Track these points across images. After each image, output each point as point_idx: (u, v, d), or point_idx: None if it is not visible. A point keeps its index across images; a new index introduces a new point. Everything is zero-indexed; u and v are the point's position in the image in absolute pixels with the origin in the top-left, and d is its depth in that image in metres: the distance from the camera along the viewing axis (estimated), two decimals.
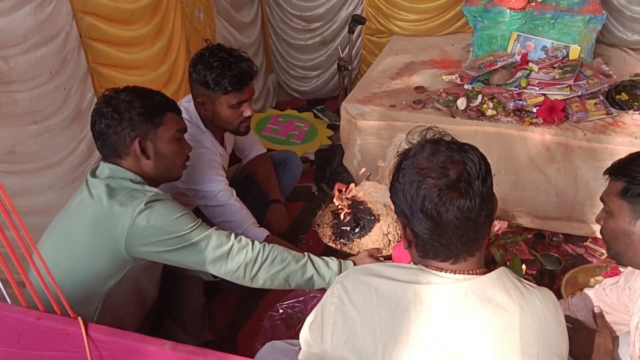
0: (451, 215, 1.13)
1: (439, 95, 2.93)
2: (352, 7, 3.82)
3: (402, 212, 1.19)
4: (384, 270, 1.24)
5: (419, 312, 1.16)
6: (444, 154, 1.15)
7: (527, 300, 1.19)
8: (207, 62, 2.07)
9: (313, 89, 4.21)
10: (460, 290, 1.17)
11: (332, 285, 1.26)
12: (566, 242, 2.77)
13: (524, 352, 1.16)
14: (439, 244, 1.16)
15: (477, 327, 1.15)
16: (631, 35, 3.38)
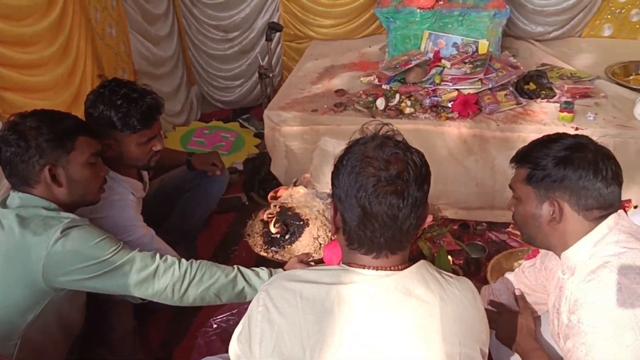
0: (381, 209, 1.15)
1: (359, 97, 2.98)
2: (268, 14, 3.84)
3: (338, 195, 1.21)
4: (307, 275, 1.25)
5: (343, 312, 1.18)
6: (390, 149, 1.18)
7: (446, 291, 1.23)
8: (110, 100, 1.93)
9: (237, 99, 4.19)
10: (381, 287, 1.19)
11: (258, 294, 1.26)
12: (489, 229, 2.87)
13: (446, 342, 1.19)
14: (364, 235, 1.19)
15: (399, 322, 1.18)
16: (535, 27, 3.56)
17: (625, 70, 3.14)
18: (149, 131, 2.01)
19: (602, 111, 2.78)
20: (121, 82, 2.02)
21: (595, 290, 1.31)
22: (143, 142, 2.00)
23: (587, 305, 1.31)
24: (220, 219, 3.06)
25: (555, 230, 1.43)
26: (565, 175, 1.38)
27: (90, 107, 1.96)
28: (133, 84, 2.06)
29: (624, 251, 1.35)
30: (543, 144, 1.46)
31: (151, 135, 2.03)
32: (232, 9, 3.80)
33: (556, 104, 2.81)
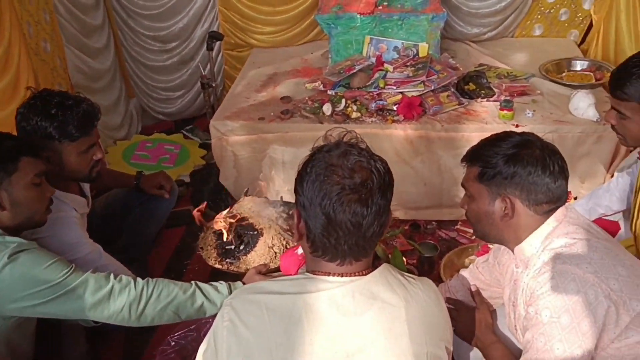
0: (345, 217, 1.16)
1: (305, 103, 2.99)
2: (207, 24, 3.79)
3: (302, 203, 1.21)
4: (271, 286, 1.24)
5: (311, 320, 1.18)
6: (354, 157, 1.19)
7: (410, 292, 1.25)
8: (43, 110, 1.85)
9: (179, 110, 4.11)
10: (347, 292, 1.20)
11: (222, 309, 1.24)
12: (439, 228, 2.94)
13: (413, 342, 1.21)
14: (328, 242, 1.19)
15: (367, 325, 1.19)
16: (470, 29, 3.67)
17: (557, 68, 3.27)
18: (88, 138, 1.94)
19: (539, 108, 2.89)
20: (52, 92, 1.96)
21: (550, 282, 1.35)
22: (83, 150, 1.94)
23: (543, 296, 1.36)
24: (170, 234, 3.00)
25: (508, 225, 1.48)
26: (515, 172, 1.42)
27: (22, 120, 1.87)
28: (65, 92, 1.99)
29: (574, 242, 1.41)
30: (492, 142, 1.50)
31: (90, 143, 1.96)
32: (169, 20, 3.73)
33: (496, 102, 2.91)
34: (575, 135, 2.74)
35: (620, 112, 1.82)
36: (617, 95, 1.79)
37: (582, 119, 2.77)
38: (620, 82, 1.77)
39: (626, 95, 1.76)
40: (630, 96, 1.75)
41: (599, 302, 1.31)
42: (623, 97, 1.77)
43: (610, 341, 1.34)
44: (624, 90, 1.76)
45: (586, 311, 1.31)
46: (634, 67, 1.75)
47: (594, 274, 1.34)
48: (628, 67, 1.77)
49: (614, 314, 1.32)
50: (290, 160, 2.86)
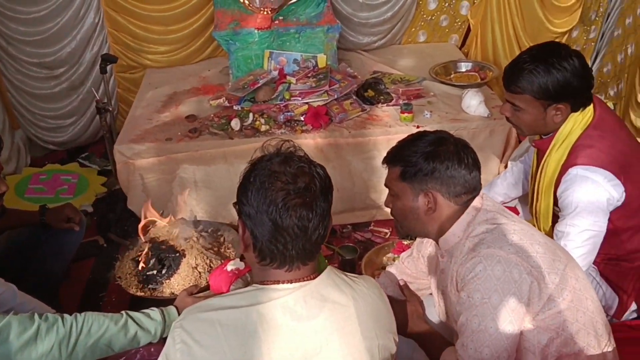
0: (292, 221, 1.19)
1: (212, 120, 2.97)
2: (97, 47, 3.64)
3: (247, 212, 1.22)
4: (222, 302, 1.24)
5: (267, 330, 1.19)
6: (296, 163, 1.22)
7: (356, 290, 1.30)
8: None
9: (71, 138, 3.90)
10: (299, 297, 1.23)
11: (172, 332, 1.22)
12: (354, 231, 3.02)
13: (365, 338, 1.26)
14: (276, 249, 1.21)
15: (321, 327, 1.22)
16: (362, 38, 3.83)
17: (445, 70, 3.50)
18: None
19: (435, 108, 3.08)
20: None
21: (478, 266, 1.45)
22: None
23: (473, 280, 1.45)
24: (79, 267, 2.84)
25: (432, 218, 1.57)
26: (434, 168, 1.51)
27: None
28: None
29: (494, 227, 1.52)
30: (410, 142, 1.58)
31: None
32: (55, 45, 3.54)
33: (395, 106, 3.07)
34: (470, 131, 2.95)
35: (515, 105, 1.97)
36: (512, 89, 1.94)
37: (475, 115, 2.99)
38: (514, 77, 1.92)
39: (520, 88, 1.91)
40: (524, 89, 1.91)
41: (522, 280, 1.42)
42: (517, 91, 1.92)
43: (536, 314, 1.45)
44: (517, 85, 1.91)
45: (513, 289, 1.42)
46: (525, 62, 1.90)
47: (516, 254, 1.45)
48: (519, 63, 1.92)
49: (537, 288, 1.44)
50: (202, 178, 2.83)
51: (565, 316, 1.47)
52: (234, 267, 1.95)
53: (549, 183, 2.03)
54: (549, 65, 1.87)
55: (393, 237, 2.89)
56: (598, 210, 1.91)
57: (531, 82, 1.89)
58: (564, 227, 1.95)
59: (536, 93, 1.90)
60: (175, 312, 1.75)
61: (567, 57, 1.88)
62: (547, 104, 1.92)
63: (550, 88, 1.88)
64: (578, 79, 1.88)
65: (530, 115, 1.96)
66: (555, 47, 1.96)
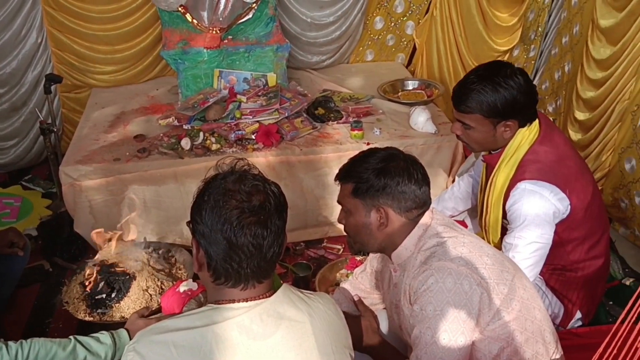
0: (246, 240, 1.19)
1: (161, 140, 2.94)
2: (40, 66, 3.54)
3: (201, 231, 1.22)
4: (176, 323, 1.23)
5: (222, 350, 1.18)
6: (250, 181, 1.23)
7: (312, 307, 1.31)
8: None
9: (13, 160, 3.76)
10: (254, 316, 1.22)
11: (125, 356, 1.20)
12: (307, 248, 3.02)
13: (322, 353, 1.27)
14: (231, 268, 1.21)
15: (278, 345, 1.22)
16: (311, 57, 3.87)
17: (393, 88, 3.57)
18: None
19: (384, 126, 3.14)
20: None
21: (430, 279, 1.48)
22: None
23: (426, 292, 1.48)
24: (24, 293, 2.73)
25: (384, 233, 1.59)
26: (385, 184, 1.54)
27: None
28: None
29: (444, 240, 1.56)
30: (361, 159, 1.61)
31: None
32: None
33: (346, 124, 3.10)
34: (419, 147, 3.01)
35: (465, 124, 2.03)
36: (461, 109, 2.00)
37: (422, 132, 3.06)
38: (463, 97, 1.99)
39: (469, 108, 1.97)
40: (473, 109, 1.97)
41: (473, 291, 1.46)
42: (467, 110, 1.99)
43: (486, 324, 1.49)
44: (467, 104, 1.98)
45: (464, 300, 1.46)
46: (472, 83, 1.97)
47: (466, 266, 1.49)
48: (467, 84, 1.98)
49: (487, 299, 1.48)
50: (151, 198, 2.79)
51: (515, 326, 1.52)
52: (187, 287, 1.93)
53: (498, 197, 2.09)
54: (496, 84, 1.93)
55: (346, 254, 2.91)
56: (545, 223, 1.98)
57: (480, 101, 1.95)
58: (512, 239, 2.01)
59: (485, 112, 1.96)
60: (126, 335, 1.72)
61: (513, 75, 1.95)
62: (496, 122, 1.98)
63: (498, 106, 1.94)
64: (524, 96, 1.95)
65: (480, 133, 2.03)
66: (500, 65, 2.03)
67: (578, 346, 2.01)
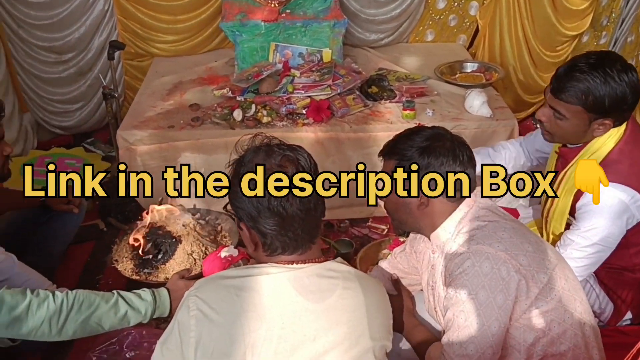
0: (295, 208, 1.22)
1: (215, 110, 2.99)
2: (105, 33, 3.67)
3: (248, 214, 1.25)
4: (234, 272, 1.28)
5: (278, 299, 1.23)
6: (278, 154, 1.26)
7: (363, 281, 1.33)
8: None
9: (78, 123, 3.94)
10: (312, 276, 1.26)
11: (186, 301, 1.25)
12: (352, 226, 3.03)
13: (370, 325, 1.29)
14: (287, 238, 1.25)
15: (332, 308, 1.25)
16: (369, 35, 3.83)
17: (451, 70, 3.50)
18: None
19: (437, 107, 3.08)
20: None
21: (467, 262, 1.46)
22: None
23: (461, 275, 1.46)
24: (79, 250, 2.87)
25: (424, 213, 1.57)
26: (429, 163, 1.51)
27: None
28: None
29: (485, 224, 1.52)
30: (406, 136, 1.58)
31: (1, 135, 1.95)
32: (64, 30, 3.58)
33: (398, 103, 3.07)
34: (472, 130, 2.95)
35: (558, 112, 1.85)
36: (562, 97, 1.81)
37: (477, 115, 2.99)
38: (567, 85, 1.79)
39: (571, 97, 1.79)
40: (575, 99, 1.79)
41: (510, 277, 1.43)
42: (567, 100, 1.80)
43: (523, 312, 1.45)
44: (569, 93, 1.79)
45: (500, 286, 1.43)
46: (581, 71, 1.78)
47: (505, 251, 1.45)
48: (575, 71, 1.79)
49: (524, 287, 1.44)
50: (202, 167, 2.85)
51: (553, 316, 1.48)
52: (228, 254, 1.98)
53: (570, 191, 1.96)
54: (608, 76, 1.75)
55: (390, 234, 2.90)
56: (615, 228, 1.86)
57: (586, 93, 1.77)
58: (576, 236, 1.90)
59: (589, 105, 1.79)
60: (167, 294, 1.77)
61: (627, 69, 1.77)
62: (594, 117, 1.82)
63: (605, 102, 1.77)
64: (633, 95, 1.78)
65: (572, 125, 1.86)
66: (613, 57, 1.84)
67: (623, 344, 1.93)
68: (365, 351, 1.28)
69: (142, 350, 2.06)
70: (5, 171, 2.02)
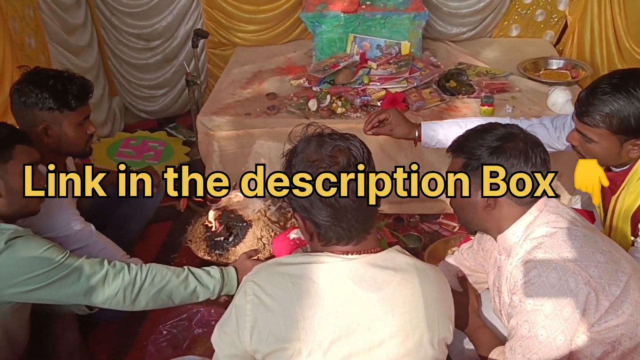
0: (347, 199, 1.21)
1: (291, 100, 3.04)
2: (191, 22, 3.81)
3: (301, 206, 1.25)
4: (290, 259, 1.29)
5: (334, 289, 1.23)
6: (330, 144, 1.25)
7: (421, 272, 1.31)
8: (42, 83, 1.93)
9: (162, 108, 4.12)
10: (368, 266, 1.25)
11: (243, 286, 1.28)
12: (422, 221, 2.99)
13: (428, 317, 1.27)
14: (341, 229, 1.24)
15: (388, 298, 1.24)
16: (450, 29, 3.75)
17: (535, 66, 3.38)
18: (85, 108, 2.02)
19: (518, 104, 2.98)
20: (45, 69, 2.06)
21: (533, 271, 1.40)
22: (80, 121, 2.01)
23: (527, 285, 1.41)
24: (156, 229, 3.01)
25: (491, 215, 1.51)
26: (498, 164, 1.44)
27: (21, 96, 1.93)
28: (56, 70, 2.06)
29: (555, 231, 1.44)
30: (477, 134, 1.51)
31: (87, 114, 2.04)
32: (153, 18, 3.75)
33: (476, 99, 2.99)
34: None
35: (586, 136, 1.78)
36: (586, 121, 1.74)
37: (560, 114, 2.86)
38: (590, 108, 1.72)
39: (595, 121, 1.72)
40: (600, 122, 1.72)
41: (579, 290, 1.36)
42: (592, 123, 1.73)
43: (591, 325, 1.38)
44: (593, 117, 1.72)
45: (567, 298, 1.36)
46: (604, 93, 1.70)
47: (574, 262, 1.38)
48: (597, 93, 1.71)
49: (594, 300, 1.37)
50: (275, 155, 2.90)
51: (624, 330, 1.40)
52: (296, 236, 2.02)
53: (625, 218, 1.85)
54: (631, 96, 1.66)
55: (461, 232, 2.84)
56: None
57: (610, 115, 1.69)
58: None
59: (614, 127, 1.70)
60: (234, 273, 1.83)
61: None
62: (624, 139, 1.73)
63: (632, 122, 1.68)
64: None
65: (602, 149, 1.77)
66: (638, 74, 1.73)
67: None
68: (422, 342, 1.26)
69: (210, 328, 2.15)
70: (87, 149, 2.11)
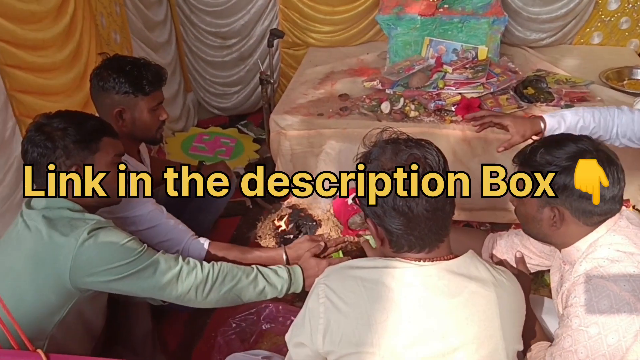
0: (421, 208, 1.20)
1: (363, 101, 3.04)
2: (267, 22, 3.88)
3: (374, 213, 1.25)
4: (362, 262, 1.29)
5: (406, 294, 1.22)
6: (405, 152, 1.23)
7: (497, 279, 1.29)
8: (120, 68, 2.01)
9: (234, 105, 4.21)
10: (441, 272, 1.24)
11: (315, 288, 1.29)
12: (492, 230, 2.92)
13: (503, 327, 1.25)
14: (413, 237, 1.23)
15: (461, 306, 1.22)
16: (529, 34, 3.65)
17: (618, 76, 3.24)
18: (159, 94, 2.09)
19: None
20: (124, 56, 2.16)
21: (585, 294, 1.36)
22: (153, 106, 2.07)
23: (575, 306, 1.38)
24: (226, 223, 3.07)
25: (556, 232, 1.47)
26: (567, 184, 1.40)
27: (100, 80, 2.02)
28: (134, 57, 2.16)
29: (617, 255, 1.38)
30: (547, 149, 1.45)
31: (160, 100, 2.11)
32: (231, 16, 3.83)
33: (555, 107, 2.89)
34: None
35: None
36: None
37: None
38: None
39: None
40: None
41: (631, 321, 1.32)
42: None
43: None
44: None
45: (615, 326, 1.32)
46: None
47: (631, 292, 1.33)
48: None
49: None
50: (346, 156, 2.90)
51: None
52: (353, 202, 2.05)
53: None
54: None
55: None
56: None
57: None
58: None
59: None
60: (300, 271, 1.84)
61: None
62: None
63: None
64: None
65: None
66: None
67: None
68: (496, 352, 1.24)
69: (277, 324, 2.18)
70: (158, 135, 2.16)
